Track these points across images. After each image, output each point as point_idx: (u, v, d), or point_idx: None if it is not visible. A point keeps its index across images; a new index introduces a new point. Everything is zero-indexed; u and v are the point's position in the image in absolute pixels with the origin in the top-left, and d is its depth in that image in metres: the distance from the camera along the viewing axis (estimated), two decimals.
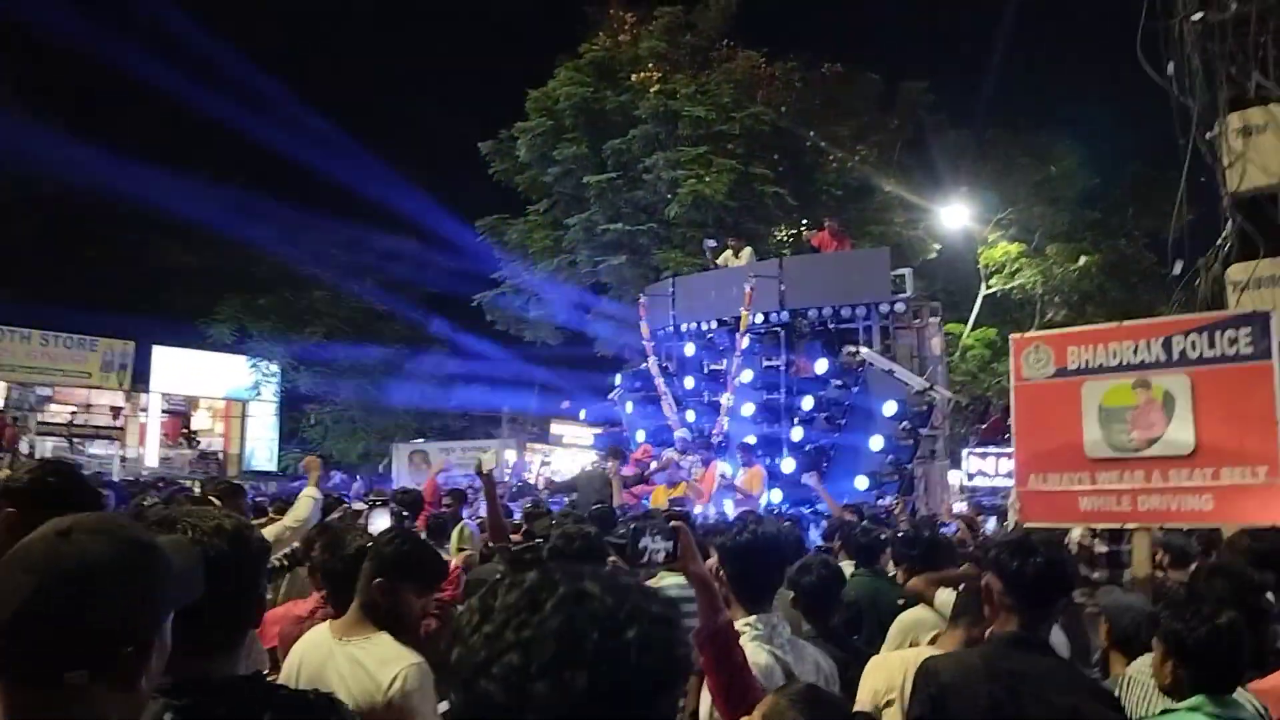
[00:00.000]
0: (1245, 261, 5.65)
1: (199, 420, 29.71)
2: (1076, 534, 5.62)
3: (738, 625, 2.84)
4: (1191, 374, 5.05)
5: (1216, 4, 5.88)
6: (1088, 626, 4.46)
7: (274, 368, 27.43)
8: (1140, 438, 5.13)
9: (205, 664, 1.79)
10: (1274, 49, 5.87)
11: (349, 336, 27.09)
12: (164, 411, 28.00)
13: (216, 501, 4.76)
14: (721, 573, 3.13)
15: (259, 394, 27.93)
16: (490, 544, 5.44)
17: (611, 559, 3.22)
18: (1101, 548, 5.55)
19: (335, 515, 6.45)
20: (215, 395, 28.71)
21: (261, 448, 29.31)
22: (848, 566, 5.35)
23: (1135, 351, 5.25)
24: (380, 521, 5.97)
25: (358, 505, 7.97)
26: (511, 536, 5.40)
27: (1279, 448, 4.81)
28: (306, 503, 5.20)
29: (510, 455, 22.60)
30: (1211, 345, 5.04)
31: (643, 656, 1.00)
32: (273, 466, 28.52)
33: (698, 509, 10.01)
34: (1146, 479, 5.10)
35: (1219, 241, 5.89)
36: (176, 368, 27.10)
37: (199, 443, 29.20)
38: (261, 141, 30.08)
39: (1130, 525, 5.21)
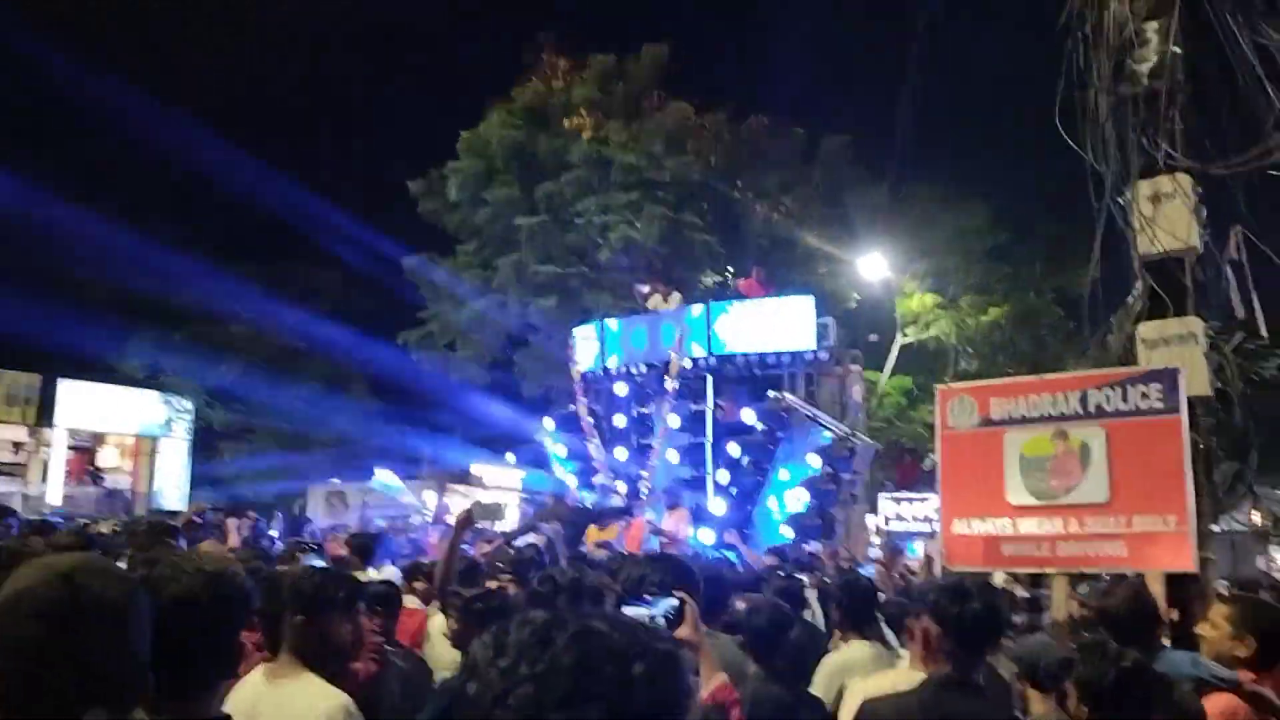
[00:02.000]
0: (1155, 320, 5.97)
1: (106, 457, 28.63)
2: (998, 579, 5.83)
3: None
4: (1106, 426, 5.31)
5: (1130, 78, 6.25)
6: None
7: (187, 404, 26.69)
8: (1059, 486, 5.37)
9: (185, 705, 1.81)
10: (1181, 123, 6.24)
11: (267, 373, 26.54)
12: (70, 448, 26.96)
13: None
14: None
15: (171, 431, 27.12)
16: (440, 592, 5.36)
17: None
18: (1022, 592, 5.77)
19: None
20: (125, 431, 27.76)
21: (171, 486, 28.37)
22: None
23: (1054, 404, 5.51)
24: None
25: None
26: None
27: (1187, 497, 5.08)
28: None
29: (430, 497, 22.33)
30: (1125, 399, 5.31)
31: (651, 690, 1.06)
32: (182, 506, 27.65)
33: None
34: (1065, 526, 5.33)
35: (1130, 300, 6.21)
36: (84, 402, 26.12)
37: (105, 480, 28.16)
38: (182, 172, 29.64)
39: (1049, 570, 5.44)
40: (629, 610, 2.48)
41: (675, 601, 2.53)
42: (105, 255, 26.16)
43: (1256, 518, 26.54)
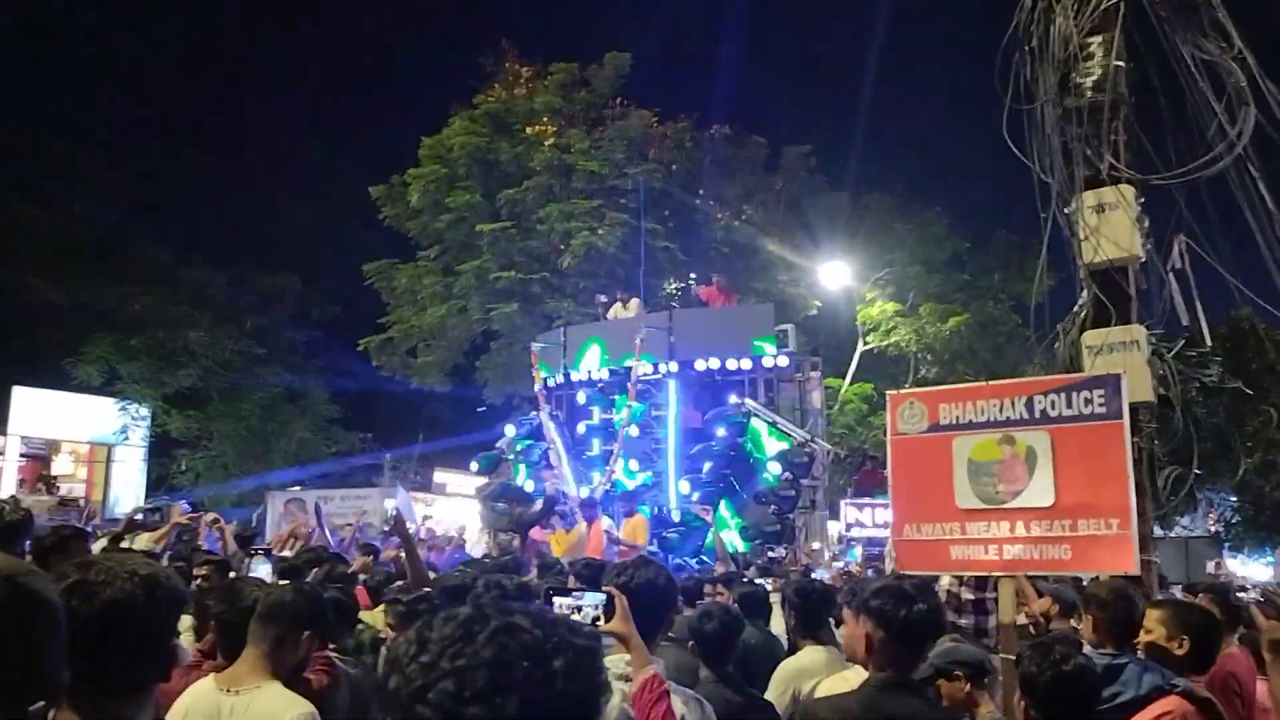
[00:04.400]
0: (1099, 328, 6.10)
1: (60, 465, 28.14)
2: (945, 581, 5.91)
3: (611, 661, 2.92)
4: (1051, 431, 5.40)
5: (1074, 91, 6.40)
6: None
7: (144, 411, 26.28)
8: (1006, 490, 5.45)
9: (111, 707, 1.81)
10: (1125, 134, 6.39)
11: (226, 379, 26.25)
12: (22, 455, 26.46)
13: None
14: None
15: (127, 438, 26.69)
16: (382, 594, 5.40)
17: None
18: (968, 595, 5.85)
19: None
20: (79, 439, 27.29)
21: (127, 494, 27.92)
22: None
23: (1001, 409, 5.60)
24: (261, 570, 5.87)
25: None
26: None
27: (1130, 501, 5.18)
28: None
29: (391, 504, 22.17)
30: (1069, 405, 5.41)
31: (569, 684, 1.10)
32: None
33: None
34: (1011, 529, 5.42)
35: (1075, 309, 6.34)
36: (38, 409, 25.61)
37: (59, 489, 27.63)
38: (139, 175, 29.28)
39: (996, 573, 5.53)
40: (557, 601, 2.52)
41: (603, 596, 2.57)
42: (61, 260, 25.81)
43: (1211, 523, 27.13)
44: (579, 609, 2.58)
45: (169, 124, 33.58)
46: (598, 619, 2.62)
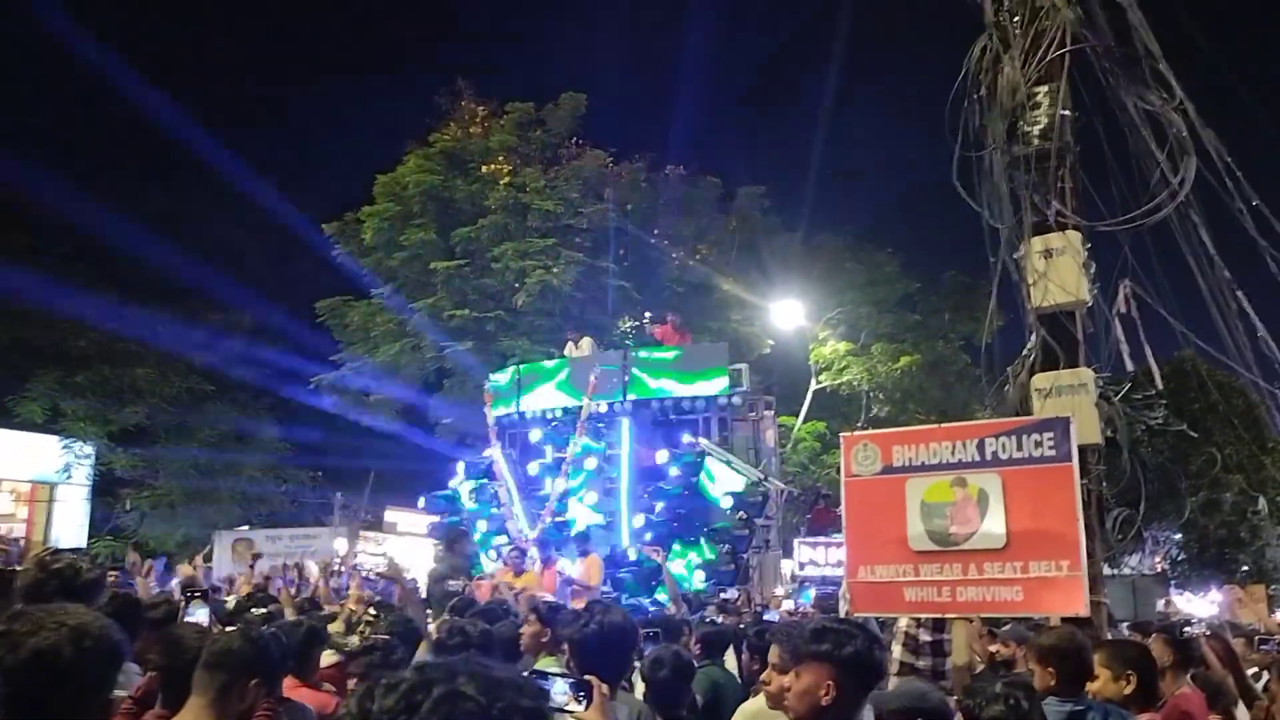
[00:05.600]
0: (1048, 371, 6.19)
1: (0, 504, 27.37)
2: (903, 623, 5.92)
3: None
4: (1002, 473, 5.46)
5: (1021, 139, 6.54)
6: None
7: (88, 449, 25.68)
8: (959, 532, 5.49)
9: None
10: (1071, 181, 6.54)
11: (173, 417, 25.76)
12: None
13: None
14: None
15: (69, 477, 26.03)
16: None
17: None
18: (926, 636, 5.86)
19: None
20: (20, 478, 26.56)
21: (69, 534, 27.17)
22: None
23: (953, 451, 5.65)
24: (200, 615, 5.73)
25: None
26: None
27: (1080, 542, 5.24)
28: None
29: (341, 545, 21.81)
30: (1019, 448, 5.48)
31: None
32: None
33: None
34: (964, 571, 5.45)
35: (1025, 352, 6.44)
36: None
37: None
38: (85, 210, 28.80)
39: (950, 615, 5.55)
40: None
41: (571, 682, 2.51)
42: (4, 294, 25.27)
43: (1157, 561, 27.57)
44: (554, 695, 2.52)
45: (119, 156, 33.16)
46: (566, 706, 2.56)
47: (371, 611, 5.92)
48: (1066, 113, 6.56)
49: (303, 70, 39.36)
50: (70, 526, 26.65)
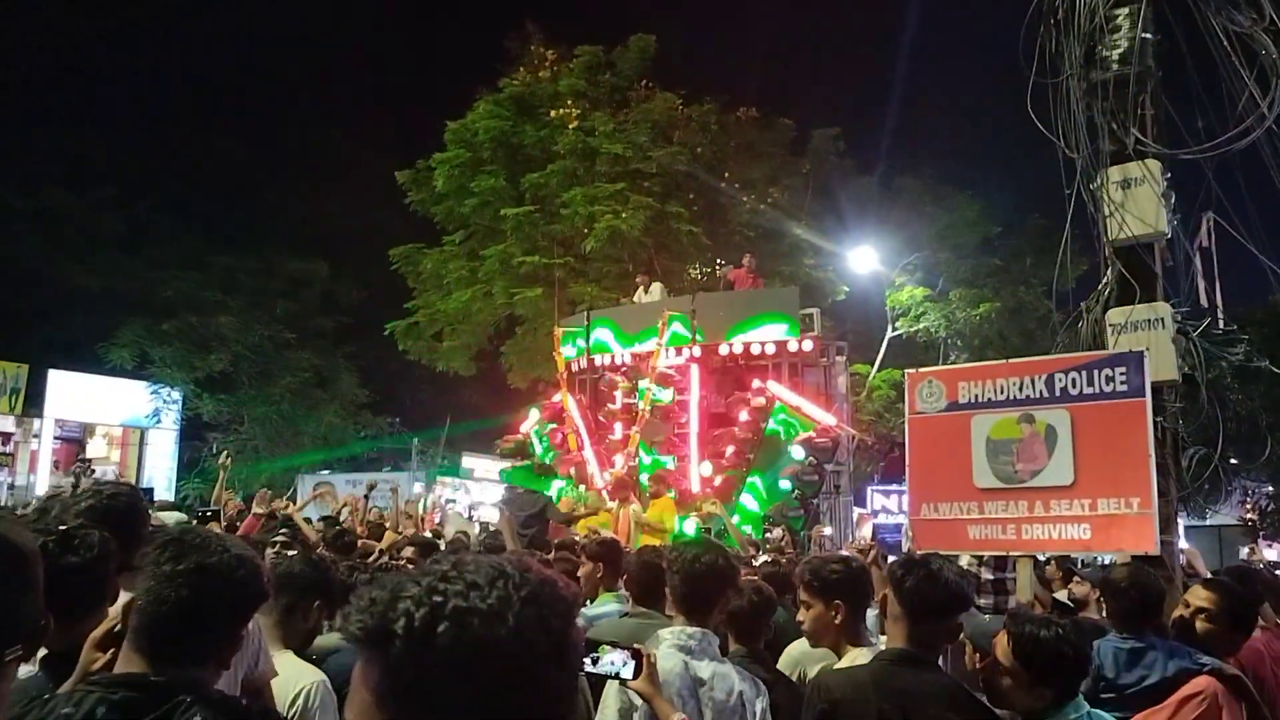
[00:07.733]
0: (1123, 306, 5.97)
1: (94, 448, 28.52)
2: (964, 561, 5.83)
3: (671, 632, 3.04)
4: (1072, 409, 5.31)
5: (1099, 64, 6.25)
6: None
7: (176, 394, 26.61)
8: (1024, 469, 5.37)
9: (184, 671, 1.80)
10: (1150, 108, 6.24)
11: (255, 364, 26.50)
12: (57, 438, 26.86)
13: None
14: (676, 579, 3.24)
15: (159, 421, 27.03)
16: None
17: None
18: (987, 575, 5.77)
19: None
20: (113, 422, 27.67)
21: (159, 477, 28.27)
22: None
23: (1020, 388, 5.52)
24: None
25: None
26: None
27: (1151, 480, 5.08)
28: None
29: (419, 488, 22.28)
30: (1090, 383, 5.32)
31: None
32: (170, 496, 27.55)
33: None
34: (1030, 509, 5.34)
35: (1100, 286, 6.21)
36: (73, 393, 26.01)
37: (94, 471, 27.94)
38: (170, 164, 29.59)
39: (1015, 553, 5.45)
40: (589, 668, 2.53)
41: (626, 654, 2.55)
42: (95, 248, 26.16)
43: (1246, 511, 26.73)
44: (601, 662, 2.58)
45: (199, 111, 33.87)
46: (619, 675, 2.61)
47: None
48: (1148, 36, 6.24)
49: (372, 17, 39.52)
50: (160, 470, 27.74)
